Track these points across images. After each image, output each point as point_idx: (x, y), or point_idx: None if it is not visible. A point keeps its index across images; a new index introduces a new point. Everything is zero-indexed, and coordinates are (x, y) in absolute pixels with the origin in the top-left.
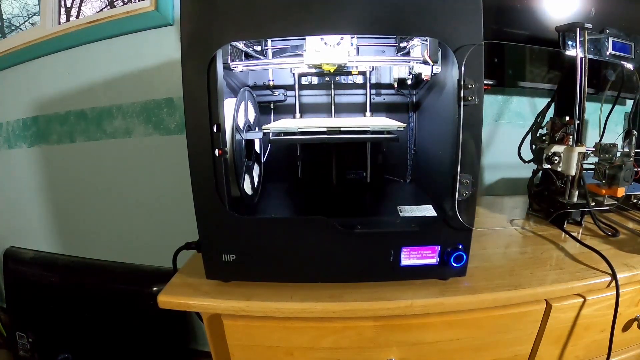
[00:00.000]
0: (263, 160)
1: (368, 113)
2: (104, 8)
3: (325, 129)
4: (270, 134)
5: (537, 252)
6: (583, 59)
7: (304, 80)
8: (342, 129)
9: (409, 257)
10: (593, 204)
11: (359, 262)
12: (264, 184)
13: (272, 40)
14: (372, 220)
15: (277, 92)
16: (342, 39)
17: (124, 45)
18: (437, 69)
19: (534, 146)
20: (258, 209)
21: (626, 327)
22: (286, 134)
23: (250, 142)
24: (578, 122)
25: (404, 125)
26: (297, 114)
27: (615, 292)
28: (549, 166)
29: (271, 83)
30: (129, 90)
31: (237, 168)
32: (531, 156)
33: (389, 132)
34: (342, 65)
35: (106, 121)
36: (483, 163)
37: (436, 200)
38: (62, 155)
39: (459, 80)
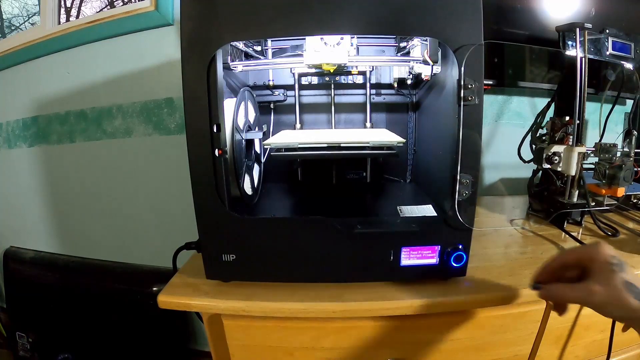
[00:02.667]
0: (263, 160)
1: (368, 124)
2: (104, 8)
3: (325, 145)
4: (270, 148)
5: (537, 252)
6: (583, 59)
7: (304, 80)
8: (342, 145)
9: (409, 257)
10: (593, 204)
11: (359, 262)
12: (264, 184)
13: (272, 40)
14: (372, 220)
15: (277, 92)
16: (342, 39)
17: (124, 45)
18: (437, 69)
19: (534, 146)
20: (258, 209)
21: (626, 327)
22: (287, 149)
23: (250, 142)
24: (578, 122)
25: (404, 140)
26: (297, 124)
27: None
28: (549, 166)
29: (271, 83)
30: (129, 90)
31: (237, 168)
32: (531, 156)
33: (388, 148)
34: (342, 65)
35: (106, 121)
36: (483, 163)
37: (436, 200)
38: (62, 155)
39: (459, 80)
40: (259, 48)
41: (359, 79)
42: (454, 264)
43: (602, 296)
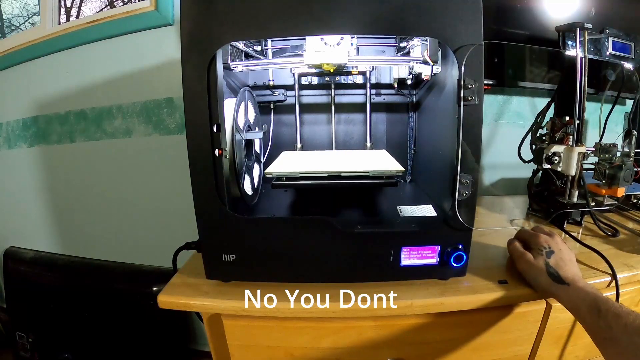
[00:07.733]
0: (263, 160)
1: (368, 144)
2: (104, 8)
3: (326, 174)
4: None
5: None
6: (583, 59)
7: (304, 80)
8: (342, 174)
9: (409, 257)
10: (593, 204)
11: (359, 262)
12: (264, 184)
13: (272, 40)
14: (372, 220)
15: (277, 92)
16: (342, 39)
17: (124, 45)
18: (437, 69)
19: (534, 146)
20: (258, 209)
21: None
22: (288, 178)
23: (250, 142)
24: (578, 122)
25: (403, 169)
26: (298, 144)
27: (615, 292)
28: (549, 166)
29: (271, 83)
30: (129, 90)
31: (237, 168)
32: (531, 156)
33: (388, 177)
34: (342, 65)
35: (106, 121)
36: (483, 163)
37: (436, 200)
38: (62, 155)
39: (459, 80)
40: (259, 48)
41: (359, 79)
42: (454, 264)
43: (527, 265)
